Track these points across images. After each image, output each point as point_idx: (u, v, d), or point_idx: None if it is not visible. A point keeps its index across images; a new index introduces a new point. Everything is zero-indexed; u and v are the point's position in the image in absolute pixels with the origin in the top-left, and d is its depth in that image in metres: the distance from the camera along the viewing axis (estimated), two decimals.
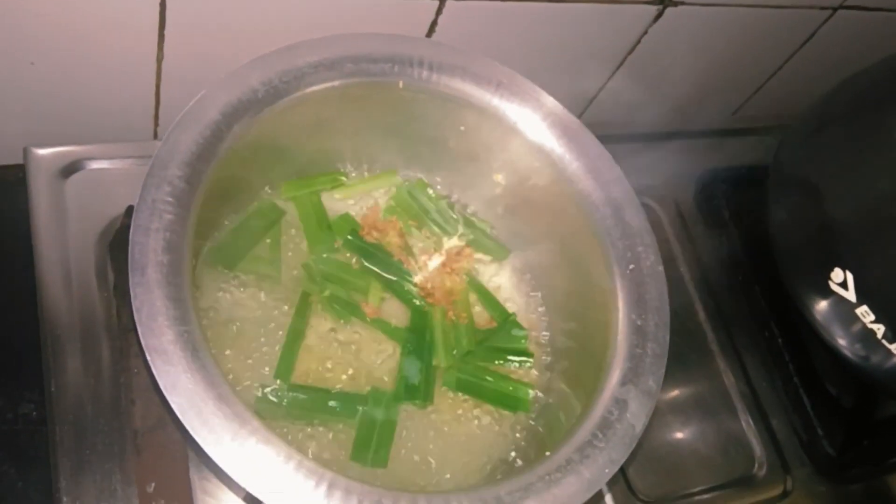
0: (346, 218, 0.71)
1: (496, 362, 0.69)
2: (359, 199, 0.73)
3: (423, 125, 0.69)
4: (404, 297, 0.69)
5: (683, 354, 0.60)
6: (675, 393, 0.80)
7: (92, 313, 0.64)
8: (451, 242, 0.73)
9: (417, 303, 0.69)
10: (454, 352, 0.68)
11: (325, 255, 0.68)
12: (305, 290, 0.66)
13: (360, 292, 0.68)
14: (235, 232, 0.67)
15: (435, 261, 0.71)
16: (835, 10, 0.91)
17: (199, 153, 0.54)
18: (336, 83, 0.61)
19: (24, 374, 0.64)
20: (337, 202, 0.72)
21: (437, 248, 0.73)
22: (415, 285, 0.70)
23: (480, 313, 0.72)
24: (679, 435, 0.79)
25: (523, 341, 0.70)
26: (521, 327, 0.71)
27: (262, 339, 0.64)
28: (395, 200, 0.73)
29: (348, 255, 0.70)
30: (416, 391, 0.64)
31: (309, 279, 0.67)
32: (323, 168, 0.72)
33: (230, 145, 0.56)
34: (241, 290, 0.65)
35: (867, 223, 0.70)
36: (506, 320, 0.71)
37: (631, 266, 0.62)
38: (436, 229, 0.73)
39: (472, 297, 0.72)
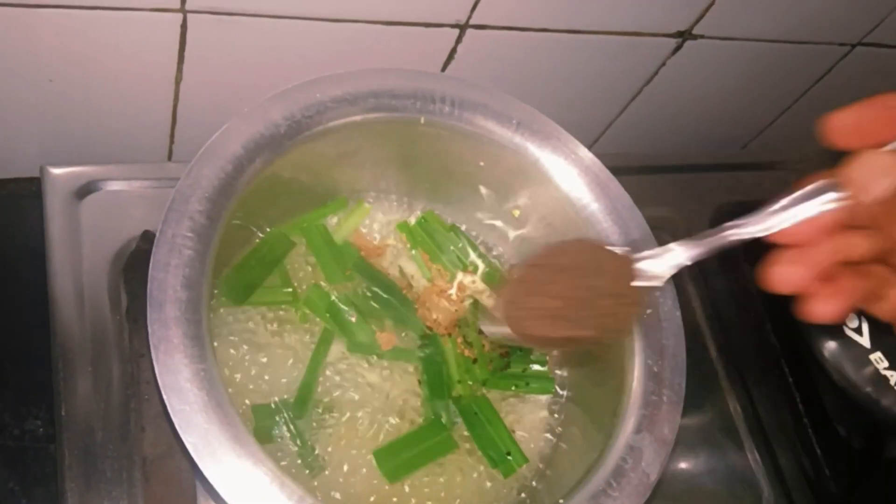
0: (348, 246, 0.70)
1: (513, 388, 0.69)
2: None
3: (443, 160, 0.68)
4: (414, 326, 0.69)
5: (693, 390, 0.60)
6: (683, 427, 0.79)
7: (103, 336, 0.64)
8: (462, 276, 0.72)
9: (428, 332, 0.69)
10: (469, 382, 0.67)
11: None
12: (326, 328, 0.66)
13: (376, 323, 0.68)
14: (244, 265, 0.66)
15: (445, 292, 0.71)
16: (853, 46, 0.91)
17: (221, 188, 0.53)
18: (358, 118, 0.61)
19: (30, 390, 0.63)
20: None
21: (451, 279, 0.72)
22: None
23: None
24: (686, 470, 0.79)
25: (540, 364, 0.70)
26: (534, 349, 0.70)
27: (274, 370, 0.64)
28: (408, 235, 0.73)
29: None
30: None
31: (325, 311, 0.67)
32: None
33: (251, 179, 0.56)
34: (254, 322, 0.65)
35: None
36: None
37: (648, 310, 0.62)
38: (451, 264, 0.73)
39: None
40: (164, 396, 0.47)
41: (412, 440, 0.63)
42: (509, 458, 0.64)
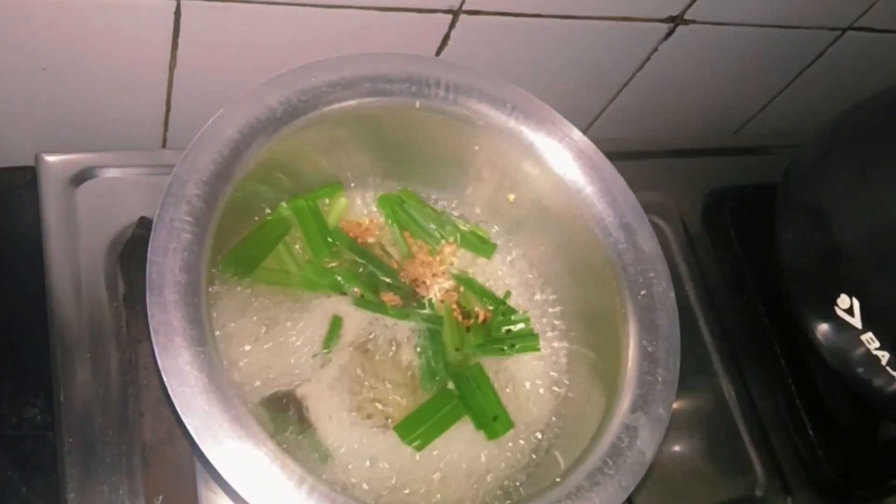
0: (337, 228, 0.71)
1: (504, 349, 0.70)
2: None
3: (438, 144, 0.69)
4: (406, 296, 0.70)
5: (687, 373, 0.61)
6: (677, 411, 0.80)
7: (101, 323, 0.64)
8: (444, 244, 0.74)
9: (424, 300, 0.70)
10: (462, 348, 0.69)
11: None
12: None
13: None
14: (247, 241, 0.67)
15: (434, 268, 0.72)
16: (844, 30, 0.92)
17: (218, 172, 0.54)
18: (353, 102, 0.61)
19: (28, 379, 0.63)
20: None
21: (433, 252, 0.73)
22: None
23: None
24: (681, 453, 0.79)
25: (524, 323, 0.71)
26: (515, 310, 0.72)
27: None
28: (384, 213, 0.73)
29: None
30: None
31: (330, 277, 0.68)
32: None
33: (247, 164, 0.56)
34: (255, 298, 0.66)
35: (876, 250, 0.71)
36: (498, 307, 0.72)
37: (643, 292, 0.62)
38: (430, 236, 0.73)
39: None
40: (165, 379, 0.47)
41: (427, 411, 0.65)
42: (496, 421, 0.66)
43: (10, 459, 0.61)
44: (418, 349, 0.68)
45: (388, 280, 0.69)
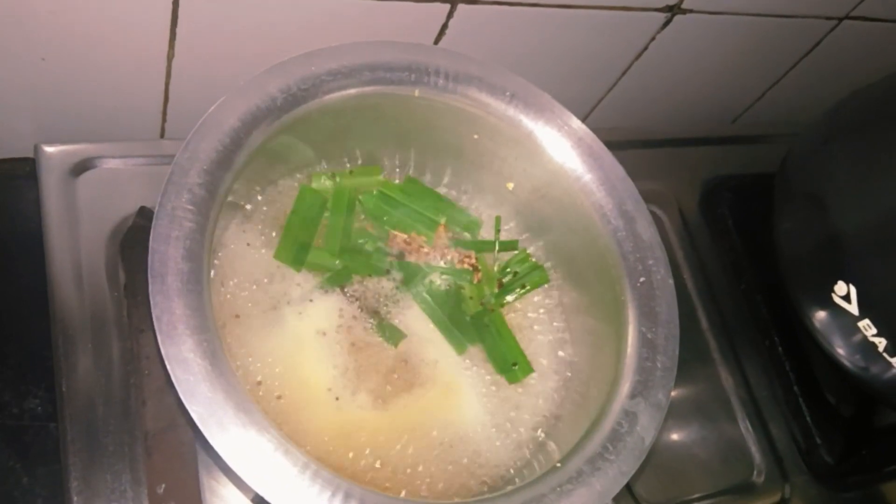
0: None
1: (518, 291, 0.72)
2: None
3: (438, 133, 0.69)
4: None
5: (685, 361, 0.61)
6: (676, 399, 0.81)
7: (103, 313, 0.65)
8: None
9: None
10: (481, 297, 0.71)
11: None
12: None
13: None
14: (289, 228, 0.67)
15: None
16: (840, 20, 0.92)
17: (219, 161, 0.54)
18: (353, 91, 0.61)
19: (30, 369, 0.64)
20: None
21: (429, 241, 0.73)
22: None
23: None
24: (679, 441, 0.80)
25: (527, 260, 0.73)
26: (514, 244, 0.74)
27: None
28: (367, 212, 0.73)
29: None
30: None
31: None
32: None
33: (248, 152, 0.56)
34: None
35: (873, 238, 0.71)
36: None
37: (642, 279, 0.63)
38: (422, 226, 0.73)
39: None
40: (168, 367, 0.47)
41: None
42: (515, 367, 0.68)
43: (13, 449, 0.61)
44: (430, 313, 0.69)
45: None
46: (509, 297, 0.72)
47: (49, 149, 0.69)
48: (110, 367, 0.63)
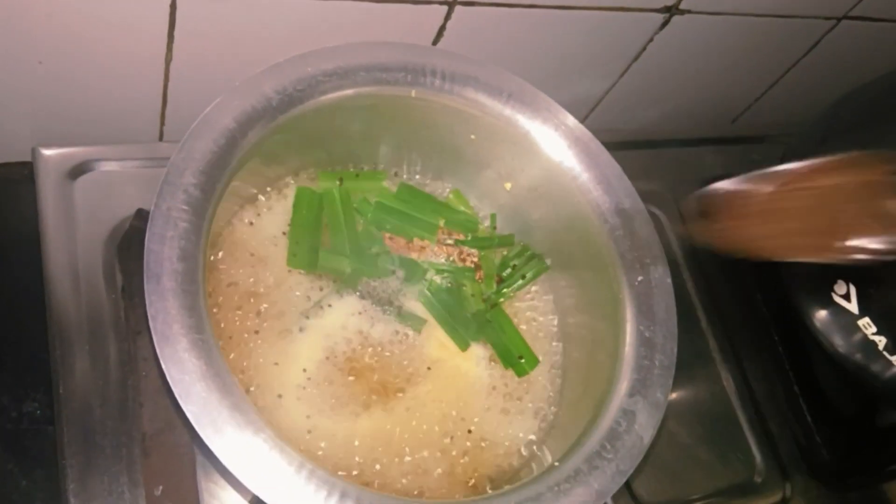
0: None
1: (519, 282, 0.72)
2: None
3: (435, 133, 0.69)
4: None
5: (685, 361, 0.61)
6: (676, 399, 0.81)
7: (100, 315, 0.65)
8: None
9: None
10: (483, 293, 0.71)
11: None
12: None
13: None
14: (294, 231, 0.68)
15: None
16: (839, 20, 0.92)
17: (214, 161, 0.54)
18: (349, 91, 0.61)
19: (28, 372, 0.64)
20: None
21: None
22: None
23: None
24: (680, 441, 0.79)
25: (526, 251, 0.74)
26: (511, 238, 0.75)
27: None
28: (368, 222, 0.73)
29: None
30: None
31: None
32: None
33: (243, 153, 0.56)
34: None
35: None
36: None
37: (640, 277, 0.62)
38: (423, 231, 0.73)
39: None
40: (164, 366, 0.47)
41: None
42: (521, 360, 0.69)
43: (11, 453, 0.61)
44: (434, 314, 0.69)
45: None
46: (510, 289, 0.72)
47: (47, 152, 0.69)
48: (107, 369, 0.63)
